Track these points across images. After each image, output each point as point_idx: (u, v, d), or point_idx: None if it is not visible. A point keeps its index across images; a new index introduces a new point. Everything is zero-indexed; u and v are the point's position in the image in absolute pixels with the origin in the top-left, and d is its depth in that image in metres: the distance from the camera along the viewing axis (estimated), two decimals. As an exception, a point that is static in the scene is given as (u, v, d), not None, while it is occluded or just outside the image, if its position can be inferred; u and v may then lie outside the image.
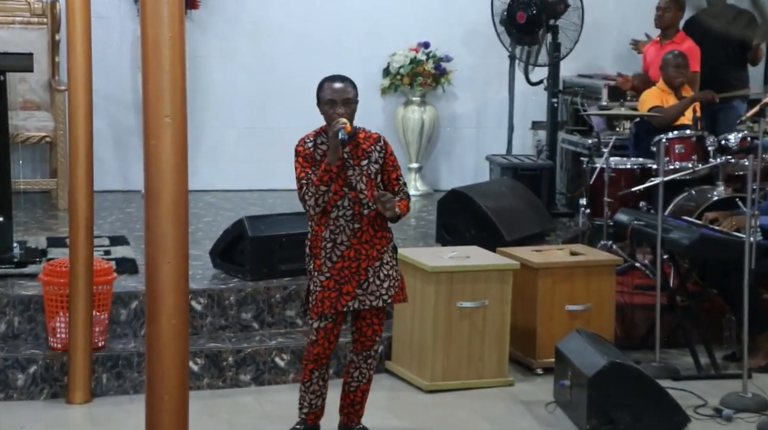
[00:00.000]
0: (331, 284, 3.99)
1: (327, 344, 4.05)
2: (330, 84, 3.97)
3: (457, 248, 5.27)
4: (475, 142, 8.21)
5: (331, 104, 3.95)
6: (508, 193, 6.42)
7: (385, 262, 4.03)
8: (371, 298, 4.02)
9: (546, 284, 5.20)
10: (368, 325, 4.09)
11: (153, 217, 2.79)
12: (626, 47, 7.98)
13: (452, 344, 4.91)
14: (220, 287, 5.23)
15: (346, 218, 3.97)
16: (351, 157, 3.99)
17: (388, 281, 4.03)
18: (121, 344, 4.92)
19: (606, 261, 5.43)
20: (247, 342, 5.06)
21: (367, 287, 4.00)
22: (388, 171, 4.05)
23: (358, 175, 3.98)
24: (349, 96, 3.96)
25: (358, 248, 3.99)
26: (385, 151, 4.04)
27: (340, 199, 3.97)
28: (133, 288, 5.08)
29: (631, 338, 5.54)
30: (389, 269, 4.04)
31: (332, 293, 3.99)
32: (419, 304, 4.95)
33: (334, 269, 3.99)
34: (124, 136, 7.55)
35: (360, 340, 4.12)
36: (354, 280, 3.99)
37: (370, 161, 4.00)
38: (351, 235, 3.98)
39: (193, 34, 7.37)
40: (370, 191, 3.98)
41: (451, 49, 7.93)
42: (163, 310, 2.80)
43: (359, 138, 4.02)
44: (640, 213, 5.70)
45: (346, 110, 3.94)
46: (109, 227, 6.41)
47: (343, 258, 3.99)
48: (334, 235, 3.98)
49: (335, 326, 4.05)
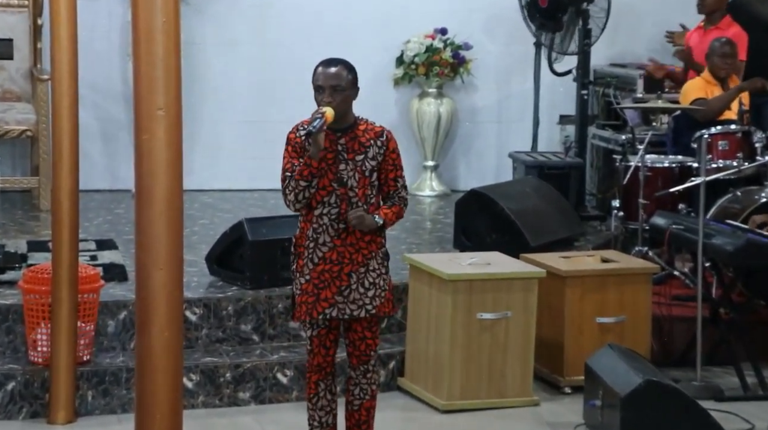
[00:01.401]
0: (309, 288, 3.98)
1: (324, 351, 4.06)
2: (321, 69, 3.95)
3: (477, 254, 5.26)
4: (496, 138, 8.20)
5: (319, 90, 3.93)
6: (533, 194, 6.41)
7: (371, 268, 4.00)
8: (352, 307, 3.99)
9: (575, 294, 5.19)
10: (360, 339, 4.08)
11: (144, 219, 2.79)
12: (662, 33, 7.95)
13: (471, 360, 4.91)
14: (217, 295, 5.23)
15: (331, 216, 3.95)
16: (345, 150, 3.96)
17: (373, 290, 4.01)
18: (109, 358, 4.92)
19: (641, 269, 5.41)
20: (247, 356, 5.06)
21: (349, 295, 3.98)
22: (386, 170, 4.01)
23: (350, 171, 3.95)
24: (339, 83, 3.91)
25: (341, 250, 3.97)
26: (387, 148, 4.01)
27: (327, 195, 3.94)
28: (122, 297, 5.09)
29: (669, 354, 5.52)
30: (376, 277, 4.01)
31: (309, 297, 3.98)
32: (435, 315, 4.94)
33: (314, 271, 3.98)
34: (112, 131, 7.56)
35: (354, 354, 4.11)
36: (334, 285, 3.97)
37: (366, 157, 3.98)
38: (334, 235, 3.96)
39: (189, 19, 7.39)
40: (362, 190, 3.96)
41: (471, 35, 7.93)
42: (154, 321, 2.80)
43: (358, 130, 3.99)
44: (680, 216, 5.68)
45: (334, 98, 3.91)
46: (96, 230, 6.42)
47: (324, 260, 3.97)
48: (316, 234, 3.97)
49: (329, 332, 4.05)
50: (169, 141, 2.78)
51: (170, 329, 2.82)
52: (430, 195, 7.88)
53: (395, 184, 4.04)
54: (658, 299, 5.60)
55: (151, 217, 2.78)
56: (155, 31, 2.74)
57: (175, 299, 2.83)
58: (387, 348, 5.20)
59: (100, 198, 7.30)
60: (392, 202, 4.05)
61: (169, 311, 2.82)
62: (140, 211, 2.80)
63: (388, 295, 4.06)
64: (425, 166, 7.95)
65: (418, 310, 5.08)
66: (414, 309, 5.11)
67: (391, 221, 4.02)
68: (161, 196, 2.78)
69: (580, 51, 7.18)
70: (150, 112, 2.76)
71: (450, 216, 6.68)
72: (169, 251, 2.80)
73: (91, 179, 7.14)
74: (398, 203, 4.05)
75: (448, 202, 7.45)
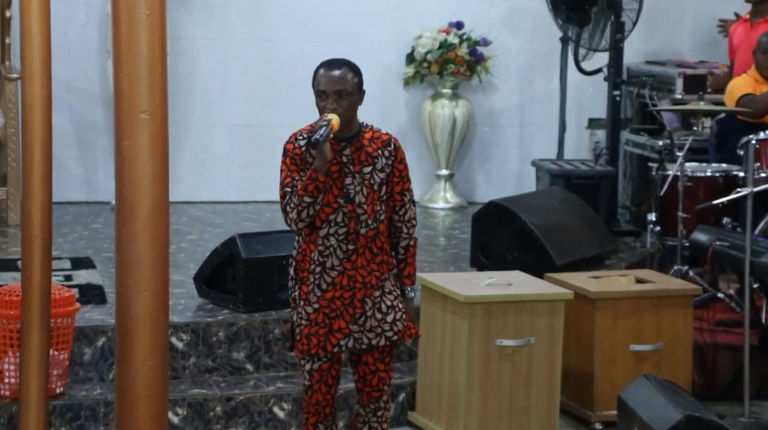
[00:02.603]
0: (319, 319, 3.97)
1: (325, 388, 4.04)
2: (323, 71, 3.94)
3: (497, 274, 5.26)
4: (518, 144, 8.21)
5: (322, 96, 3.92)
6: (559, 206, 6.41)
7: (387, 291, 4.00)
8: (370, 335, 3.99)
9: (606, 318, 5.18)
10: (372, 372, 4.05)
11: (125, 235, 2.80)
12: (706, 27, 7.96)
13: (490, 392, 4.90)
14: (207, 320, 5.24)
15: (339, 236, 3.94)
16: (351, 162, 3.96)
17: (392, 314, 4.00)
18: (85, 390, 4.92)
19: (681, 291, 5.40)
20: (239, 388, 5.06)
21: (364, 323, 3.97)
22: (392, 182, 4.00)
23: (357, 185, 3.95)
24: (345, 87, 3.90)
25: (352, 273, 3.96)
26: (395, 158, 4.01)
27: (333, 212, 3.94)
28: (100, 322, 5.09)
29: (712, 386, 5.51)
30: (393, 300, 4.01)
31: (321, 329, 3.96)
32: (450, 342, 4.94)
33: (323, 299, 3.97)
34: (90, 136, 7.58)
35: (364, 390, 4.09)
36: (347, 313, 3.96)
37: (374, 169, 3.97)
38: (344, 258, 3.95)
39: (175, 12, 7.42)
40: (371, 206, 3.96)
41: (490, 30, 7.94)
42: (136, 349, 2.80)
43: (364, 139, 3.99)
44: (724, 231, 5.67)
45: (339, 104, 3.90)
46: (71, 247, 6.43)
47: (334, 286, 3.96)
48: (323, 257, 3.96)
49: (332, 366, 4.03)
50: (154, 148, 2.78)
51: (154, 357, 2.82)
52: (444, 208, 7.88)
53: (402, 199, 4.03)
54: (700, 324, 5.59)
55: (133, 232, 2.79)
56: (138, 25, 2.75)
57: (160, 324, 2.83)
58: (396, 379, 5.19)
59: (75, 211, 7.32)
60: (404, 243, 4.05)
61: (153, 337, 2.82)
62: (121, 226, 2.81)
63: (408, 317, 4.05)
64: (438, 175, 7.96)
65: (431, 336, 5.07)
66: (426, 335, 5.11)
67: (415, 270, 4.12)
68: (144, 209, 2.79)
69: (611, 47, 7.19)
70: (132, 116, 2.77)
71: (466, 231, 6.67)
72: (153, 270, 2.80)
73: (65, 190, 7.15)
74: (408, 240, 4.06)
75: (464, 215, 7.46)
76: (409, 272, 4.09)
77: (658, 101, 7.47)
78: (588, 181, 6.99)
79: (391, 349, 4.07)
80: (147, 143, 2.77)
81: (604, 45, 7.26)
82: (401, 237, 4.06)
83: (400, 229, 4.06)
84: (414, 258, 4.11)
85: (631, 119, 7.79)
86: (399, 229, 4.06)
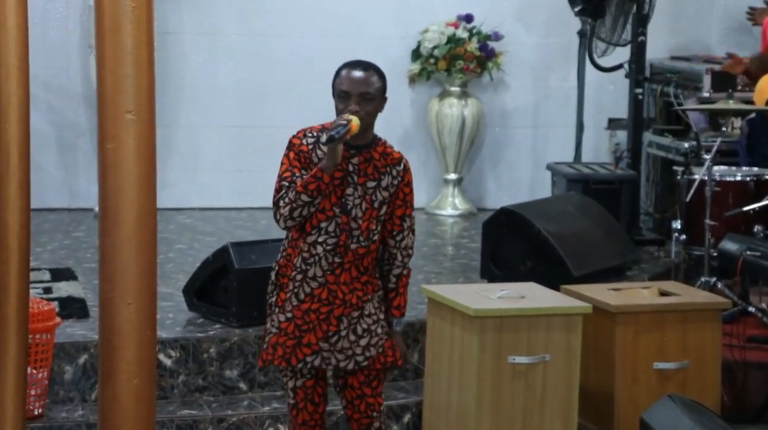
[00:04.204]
0: (290, 329, 4.00)
1: (312, 407, 4.06)
2: (347, 71, 3.98)
3: (509, 286, 5.26)
4: (532, 146, 8.21)
5: (344, 97, 3.96)
6: (576, 213, 6.41)
7: (366, 313, 4.02)
8: (339, 357, 4.01)
9: (627, 334, 5.18)
10: (359, 397, 4.08)
11: (110, 243, 2.81)
12: (738, 19, 7.96)
13: (502, 413, 4.90)
14: (197, 335, 5.25)
15: (327, 246, 3.97)
16: (357, 172, 3.98)
17: (367, 338, 4.02)
18: (65, 411, 4.93)
19: (708, 304, 5.40)
20: (232, 408, 5.06)
21: (336, 342, 4.00)
22: (394, 205, 4.03)
23: (357, 198, 3.98)
24: (369, 90, 3.96)
25: (333, 288, 3.99)
26: (402, 179, 4.03)
27: (326, 220, 3.96)
28: (82, 337, 5.10)
29: (743, 407, 5.50)
30: (372, 324, 4.03)
31: (289, 340, 4.00)
32: (459, 359, 4.94)
33: (298, 309, 4.00)
34: (71, 138, 7.60)
35: (354, 417, 4.11)
36: (320, 329, 4.00)
37: (378, 185, 4.00)
38: (327, 270, 3.98)
39: (163, 4, 7.43)
40: (366, 223, 3.98)
41: (502, 23, 7.95)
42: (121, 367, 2.81)
43: (375, 152, 4.02)
44: (755, 240, 5.67)
45: (362, 108, 3.94)
46: (51, 257, 6.44)
47: (312, 298, 3.99)
48: (306, 265, 3.99)
49: (317, 383, 4.06)
50: (140, 150, 2.79)
51: (140, 376, 2.83)
52: (452, 214, 7.89)
53: (401, 225, 4.06)
54: (730, 340, 5.58)
55: (117, 241, 2.80)
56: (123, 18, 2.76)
57: (147, 340, 2.84)
58: (401, 398, 5.20)
59: (55, 219, 7.33)
60: (396, 271, 4.08)
61: (140, 354, 2.83)
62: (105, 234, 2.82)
63: (387, 343, 4.06)
64: (446, 179, 7.96)
65: (439, 352, 5.08)
66: (433, 352, 5.11)
67: (406, 302, 4.13)
68: (130, 216, 2.80)
69: (633, 41, 7.20)
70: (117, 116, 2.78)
71: (476, 240, 6.68)
72: (139, 282, 2.81)
73: (45, 196, 7.17)
74: (401, 269, 4.09)
75: (474, 223, 7.46)
76: (399, 304, 4.12)
77: (684, 100, 7.47)
78: (608, 186, 6.99)
79: (378, 373, 4.08)
80: (133, 145, 2.79)
81: (625, 39, 7.26)
82: (394, 265, 4.09)
83: (395, 256, 4.09)
84: (406, 289, 4.13)
85: (654, 119, 7.79)
86: (393, 255, 4.09)
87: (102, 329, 2.85)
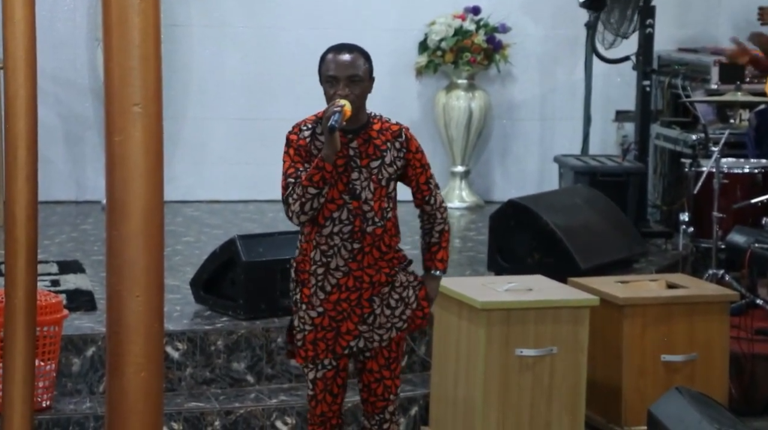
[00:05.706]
0: (325, 322, 4.00)
1: (330, 398, 4.06)
2: (332, 56, 3.97)
3: (516, 278, 5.26)
4: (539, 138, 8.21)
5: (332, 82, 3.94)
6: (584, 206, 6.41)
7: (397, 285, 4.04)
8: (380, 331, 4.02)
9: (635, 326, 5.19)
10: (377, 380, 4.08)
11: (117, 236, 2.81)
12: (747, 11, 7.94)
13: (509, 406, 4.91)
14: (205, 328, 5.25)
15: (343, 235, 3.96)
16: (358, 155, 3.97)
17: (402, 307, 4.04)
18: (73, 403, 4.94)
19: (716, 297, 5.40)
20: (240, 401, 5.08)
21: (374, 321, 4.01)
22: (415, 174, 4.03)
23: (364, 180, 3.97)
24: (357, 72, 3.93)
25: (358, 274, 3.98)
26: (407, 149, 4.02)
27: (338, 209, 3.95)
28: (90, 330, 5.11)
29: (751, 400, 5.50)
30: (402, 292, 4.05)
31: (328, 333, 4.00)
32: (466, 351, 4.95)
33: (327, 302, 3.99)
34: (78, 131, 7.61)
35: (369, 400, 4.12)
36: (355, 315, 4.00)
37: (382, 163, 3.99)
38: (349, 258, 3.97)
39: (169, -3, 7.45)
40: (378, 203, 3.98)
41: (509, 15, 7.95)
42: (129, 359, 2.82)
43: (373, 131, 4.00)
44: (763, 233, 5.67)
45: (351, 91, 3.92)
46: (59, 250, 6.45)
47: (339, 288, 3.99)
48: (326, 257, 3.98)
49: (337, 375, 4.06)
50: (147, 143, 2.79)
51: (148, 368, 2.83)
52: (459, 207, 7.89)
53: (428, 188, 4.07)
54: (738, 333, 5.58)
55: (125, 234, 2.80)
56: (130, 10, 2.76)
57: (154, 333, 2.84)
58: (408, 391, 5.21)
59: (63, 211, 7.34)
60: (439, 228, 4.08)
61: (147, 346, 2.83)
62: (112, 227, 2.82)
63: (422, 293, 4.09)
64: (453, 172, 7.97)
65: (446, 345, 5.08)
66: (440, 344, 5.12)
67: (448, 257, 4.13)
68: (137, 209, 2.80)
69: (641, 32, 7.19)
70: (124, 109, 2.78)
71: (483, 232, 6.68)
72: (146, 274, 2.81)
73: (52, 189, 7.18)
74: (443, 224, 4.10)
75: (481, 215, 7.46)
76: (443, 257, 4.12)
77: (692, 92, 7.46)
78: (615, 178, 6.99)
79: (397, 358, 4.09)
80: (140, 138, 2.79)
81: (632, 30, 7.25)
82: (436, 222, 4.10)
83: (434, 216, 4.10)
84: (448, 244, 4.15)
85: (662, 111, 7.78)
86: (433, 216, 4.10)
87: (109, 321, 2.86)
